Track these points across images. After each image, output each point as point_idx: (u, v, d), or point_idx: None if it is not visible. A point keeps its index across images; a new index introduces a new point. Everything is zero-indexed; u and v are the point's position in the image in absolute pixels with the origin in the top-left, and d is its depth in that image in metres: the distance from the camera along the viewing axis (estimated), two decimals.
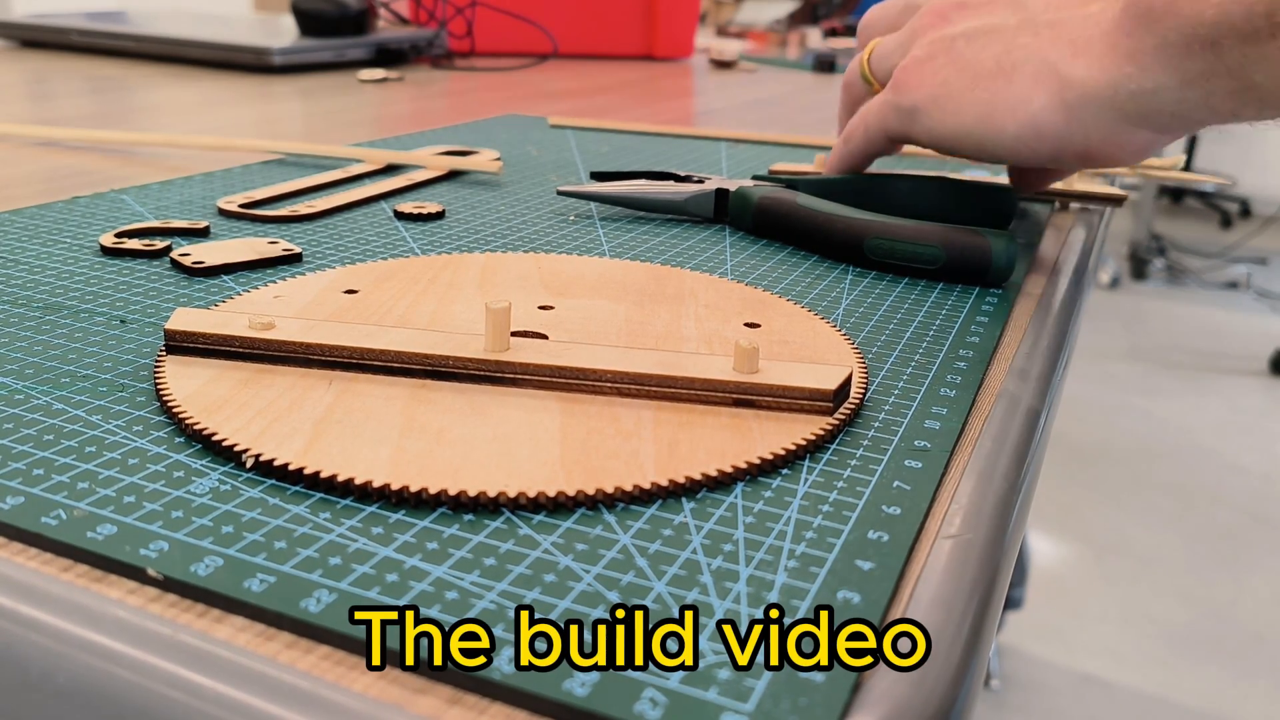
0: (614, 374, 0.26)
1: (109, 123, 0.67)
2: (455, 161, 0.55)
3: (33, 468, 0.22)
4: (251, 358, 0.27)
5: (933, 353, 0.32)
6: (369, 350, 0.27)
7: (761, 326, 0.32)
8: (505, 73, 1.04)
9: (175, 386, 0.26)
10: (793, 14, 2.08)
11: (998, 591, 0.21)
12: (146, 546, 0.20)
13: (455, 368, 0.27)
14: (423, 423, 0.24)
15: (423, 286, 0.34)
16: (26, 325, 0.31)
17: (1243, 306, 3.38)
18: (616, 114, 0.80)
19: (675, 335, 0.31)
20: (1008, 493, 0.24)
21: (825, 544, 0.21)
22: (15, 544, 0.20)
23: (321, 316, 0.31)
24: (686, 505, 0.22)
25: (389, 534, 0.20)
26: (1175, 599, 1.80)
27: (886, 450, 0.25)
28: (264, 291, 0.33)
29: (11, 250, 0.38)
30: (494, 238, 0.43)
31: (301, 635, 0.18)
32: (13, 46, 1.12)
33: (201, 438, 0.24)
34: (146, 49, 1.02)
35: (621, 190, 0.47)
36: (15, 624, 0.18)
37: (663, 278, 0.37)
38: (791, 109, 0.88)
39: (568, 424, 0.25)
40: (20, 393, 0.26)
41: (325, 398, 0.25)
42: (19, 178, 0.51)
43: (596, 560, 0.20)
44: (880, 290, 0.38)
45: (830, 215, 0.41)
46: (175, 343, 0.28)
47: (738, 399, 0.26)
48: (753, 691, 0.17)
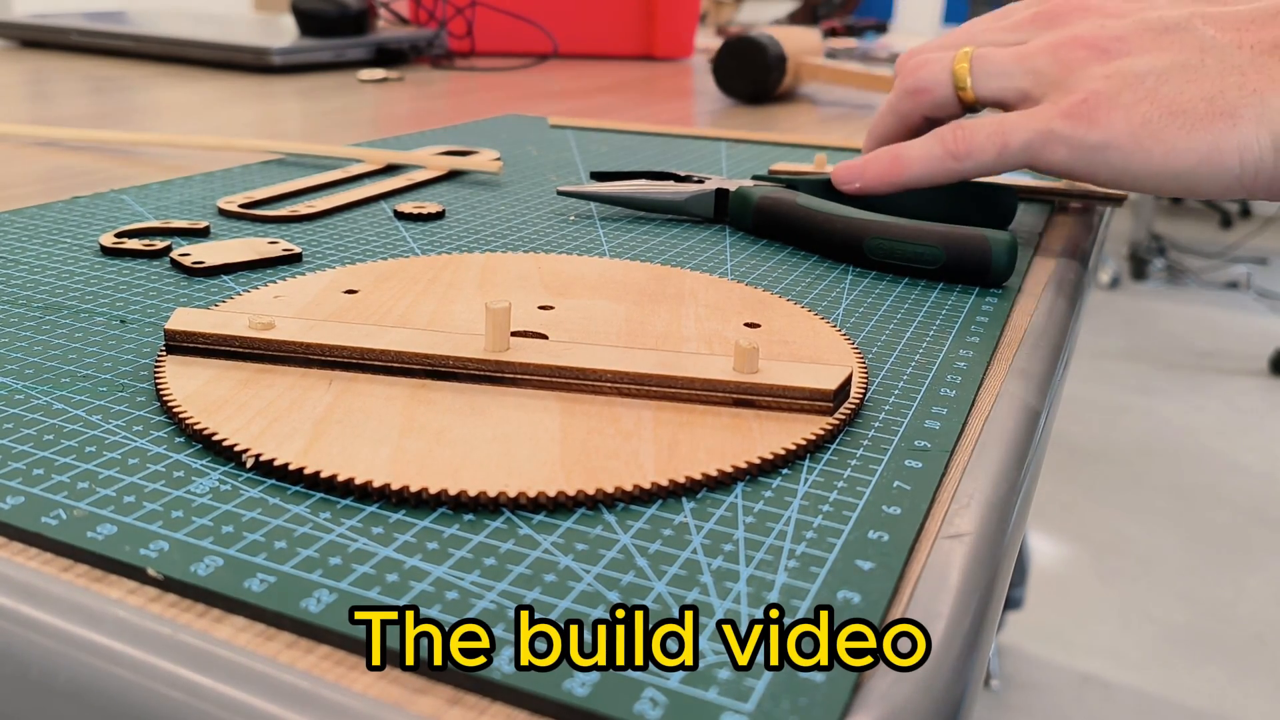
0: (614, 374, 0.26)
1: (109, 123, 0.67)
2: (455, 161, 0.55)
3: (33, 468, 0.22)
4: (251, 358, 0.27)
5: (933, 353, 0.32)
6: (369, 350, 0.27)
7: (761, 326, 0.32)
8: (505, 73, 1.04)
9: (175, 386, 0.26)
10: (793, 14, 2.08)
11: (998, 591, 0.21)
12: (146, 546, 0.20)
13: (455, 368, 0.27)
14: (423, 423, 0.24)
15: (423, 286, 0.34)
16: (26, 325, 0.31)
17: (1243, 306, 3.38)
18: (616, 114, 0.80)
19: (675, 335, 0.31)
20: (1008, 493, 0.24)
21: (825, 544, 0.21)
22: (15, 544, 0.20)
23: (321, 316, 0.31)
24: (686, 505, 0.22)
25: (389, 534, 0.20)
26: (1175, 599, 1.80)
27: (886, 450, 0.25)
28: (264, 291, 0.33)
29: (11, 250, 0.38)
30: (494, 238, 0.43)
31: (301, 635, 0.18)
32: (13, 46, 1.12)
33: (202, 438, 0.24)
34: (146, 49, 1.02)
35: (621, 190, 0.47)
36: (15, 624, 0.18)
37: (663, 278, 0.37)
38: (792, 109, 0.88)
39: (568, 424, 0.25)
40: (20, 393, 0.26)
41: (325, 398, 0.25)
42: (19, 178, 0.51)
43: (596, 560, 0.20)
44: (880, 290, 0.38)
45: (830, 215, 0.41)
46: (175, 343, 0.28)
47: (738, 399, 0.26)
48: (753, 691, 0.17)
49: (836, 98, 0.95)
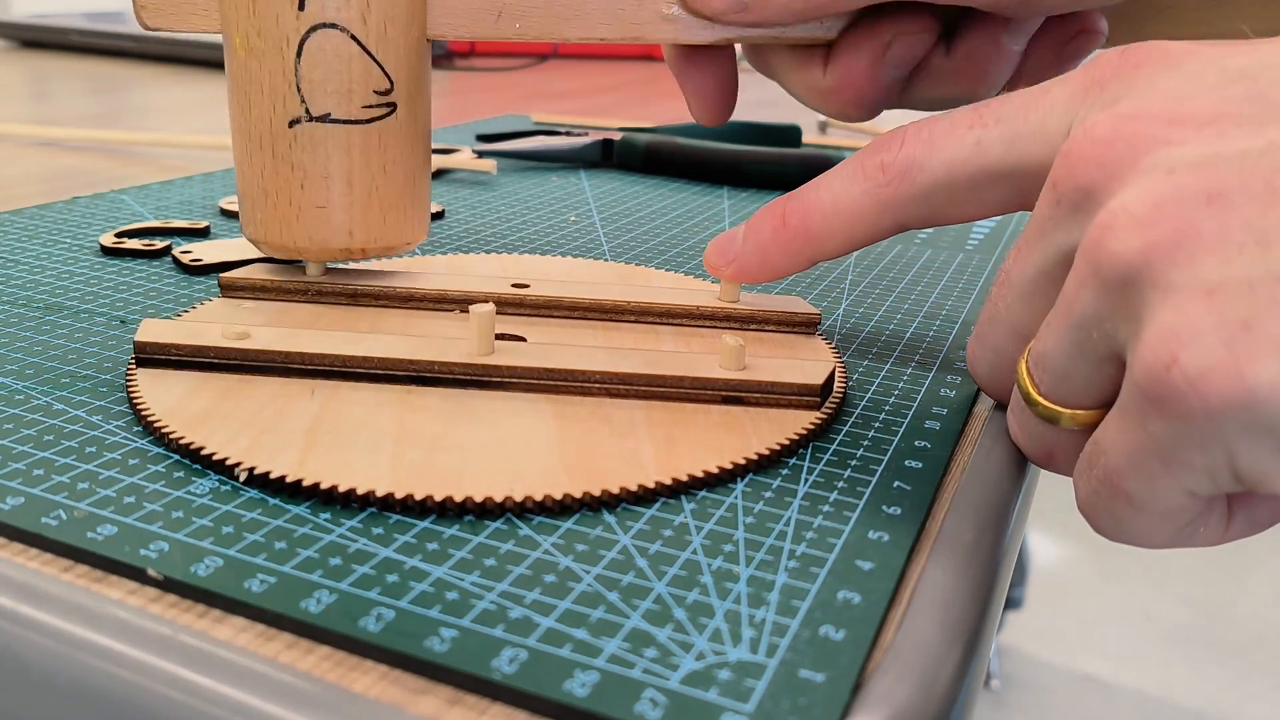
0: (603, 374, 0.26)
1: (109, 123, 0.67)
2: (455, 161, 0.55)
3: (33, 468, 0.22)
4: (227, 368, 0.26)
5: (933, 353, 0.32)
6: (352, 358, 0.26)
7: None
8: (505, 73, 1.04)
9: (152, 400, 0.25)
10: None
11: (998, 591, 0.21)
12: (147, 547, 0.20)
13: (442, 373, 0.26)
14: (416, 429, 0.24)
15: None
16: (26, 325, 0.31)
17: None
18: (616, 114, 0.80)
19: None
20: (1008, 493, 0.24)
21: (825, 544, 0.21)
22: (15, 544, 0.20)
23: (294, 323, 0.30)
24: (686, 505, 0.22)
25: (389, 535, 0.20)
26: (1175, 599, 1.80)
27: (886, 450, 0.25)
28: (226, 300, 0.32)
29: (11, 250, 0.38)
30: (494, 238, 0.43)
31: (302, 635, 0.18)
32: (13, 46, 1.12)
33: (189, 452, 0.23)
34: (146, 49, 1.02)
35: (528, 146, 0.59)
36: (15, 624, 0.18)
37: (629, 276, 0.36)
38: (792, 109, 0.88)
39: (562, 426, 0.25)
40: (20, 393, 0.26)
41: (311, 407, 0.25)
42: (19, 178, 0.51)
43: (597, 560, 0.20)
44: (880, 290, 0.38)
45: (711, 148, 0.56)
46: (147, 354, 0.27)
47: (726, 396, 0.26)
48: (753, 691, 0.17)
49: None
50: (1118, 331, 0.20)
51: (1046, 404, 0.22)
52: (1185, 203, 0.18)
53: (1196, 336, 0.17)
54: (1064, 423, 0.22)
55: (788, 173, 0.55)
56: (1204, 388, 0.17)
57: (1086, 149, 0.21)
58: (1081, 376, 0.21)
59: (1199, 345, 0.17)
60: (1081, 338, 0.20)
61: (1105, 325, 0.20)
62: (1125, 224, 0.19)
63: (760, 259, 0.29)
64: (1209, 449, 0.18)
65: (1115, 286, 0.19)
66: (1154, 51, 0.23)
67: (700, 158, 0.56)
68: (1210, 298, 0.18)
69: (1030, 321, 0.24)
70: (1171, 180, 0.19)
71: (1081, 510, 0.22)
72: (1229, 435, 0.18)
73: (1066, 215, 0.22)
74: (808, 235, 0.28)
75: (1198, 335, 0.17)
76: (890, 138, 0.27)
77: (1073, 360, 0.21)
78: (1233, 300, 0.17)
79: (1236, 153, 0.19)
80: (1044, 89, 0.25)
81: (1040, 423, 0.23)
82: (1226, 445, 0.18)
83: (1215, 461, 0.18)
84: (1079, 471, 0.22)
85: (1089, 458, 0.21)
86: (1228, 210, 0.18)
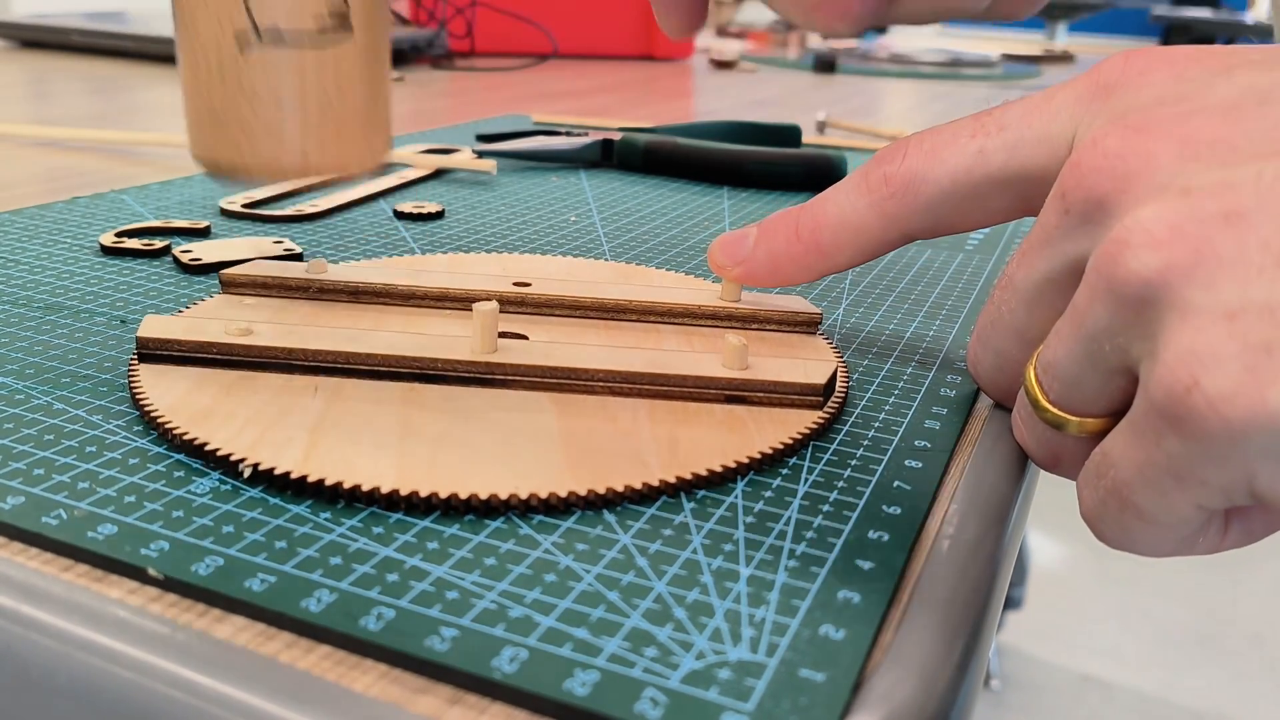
0: (605, 373, 0.26)
1: (109, 123, 0.67)
2: (456, 161, 0.55)
3: (33, 468, 0.22)
4: (230, 364, 0.26)
5: (933, 353, 0.32)
6: (356, 355, 0.26)
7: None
8: (505, 73, 1.04)
9: (155, 396, 0.25)
10: None
11: (998, 591, 0.21)
12: (147, 546, 0.20)
13: (445, 370, 0.26)
14: (421, 427, 0.24)
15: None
16: (26, 325, 0.31)
17: None
18: (616, 114, 0.80)
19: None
20: (1008, 493, 0.24)
21: (825, 544, 0.21)
22: (16, 544, 0.20)
23: (295, 319, 0.30)
24: (686, 505, 0.22)
25: (389, 534, 0.20)
26: (1175, 599, 1.80)
27: (886, 450, 0.25)
28: (227, 296, 0.32)
29: (11, 250, 0.38)
30: (494, 238, 0.43)
31: (302, 635, 0.18)
32: (13, 46, 1.12)
33: (193, 448, 0.23)
34: (146, 49, 1.02)
35: (527, 146, 0.59)
36: (15, 624, 0.18)
37: (629, 276, 0.36)
38: (792, 109, 0.88)
39: (566, 424, 0.25)
40: (20, 393, 0.26)
41: (315, 404, 0.25)
42: (19, 178, 0.51)
43: (597, 560, 0.20)
44: (880, 290, 0.38)
45: (713, 148, 0.56)
46: (149, 350, 0.27)
47: (729, 395, 0.26)
48: (753, 691, 0.17)
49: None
50: (1131, 347, 0.20)
51: (1054, 411, 0.22)
52: (1203, 223, 0.18)
53: (1218, 361, 0.18)
54: (1071, 430, 0.22)
55: (787, 173, 0.55)
56: (1226, 411, 0.17)
57: (1098, 160, 0.21)
58: (1091, 386, 0.21)
59: (1221, 369, 0.17)
60: (1093, 349, 0.20)
61: (1118, 340, 0.20)
62: (1143, 242, 0.19)
63: (772, 267, 0.29)
64: (1228, 469, 0.18)
65: (1131, 304, 0.19)
66: (1158, 59, 0.23)
67: (700, 158, 0.56)
68: (1231, 321, 0.18)
69: (1033, 326, 0.24)
70: (1188, 200, 0.19)
71: (1086, 519, 0.22)
72: (1250, 457, 0.18)
73: (1076, 225, 0.22)
74: (819, 250, 0.28)
75: (1219, 359, 0.18)
76: (893, 150, 0.27)
77: (1083, 370, 0.21)
78: (1254, 324, 0.17)
79: (1252, 172, 0.19)
80: (1046, 95, 0.25)
81: (1047, 428, 0.23)
82: (1247, 466, 0.18)
83: (1233, 480, 0.18)
84: (1085, 481, 0.22)
85: (1097, 468, 0.21)
86: (1246, 230, 0.18)
